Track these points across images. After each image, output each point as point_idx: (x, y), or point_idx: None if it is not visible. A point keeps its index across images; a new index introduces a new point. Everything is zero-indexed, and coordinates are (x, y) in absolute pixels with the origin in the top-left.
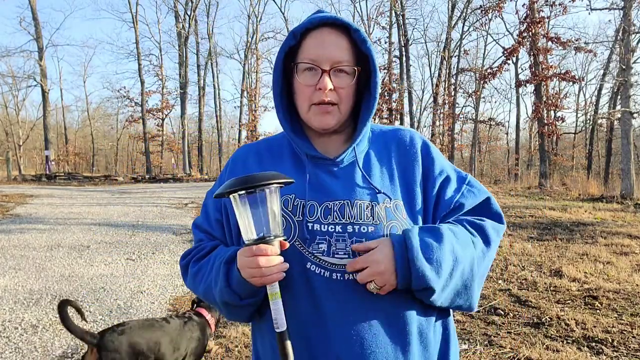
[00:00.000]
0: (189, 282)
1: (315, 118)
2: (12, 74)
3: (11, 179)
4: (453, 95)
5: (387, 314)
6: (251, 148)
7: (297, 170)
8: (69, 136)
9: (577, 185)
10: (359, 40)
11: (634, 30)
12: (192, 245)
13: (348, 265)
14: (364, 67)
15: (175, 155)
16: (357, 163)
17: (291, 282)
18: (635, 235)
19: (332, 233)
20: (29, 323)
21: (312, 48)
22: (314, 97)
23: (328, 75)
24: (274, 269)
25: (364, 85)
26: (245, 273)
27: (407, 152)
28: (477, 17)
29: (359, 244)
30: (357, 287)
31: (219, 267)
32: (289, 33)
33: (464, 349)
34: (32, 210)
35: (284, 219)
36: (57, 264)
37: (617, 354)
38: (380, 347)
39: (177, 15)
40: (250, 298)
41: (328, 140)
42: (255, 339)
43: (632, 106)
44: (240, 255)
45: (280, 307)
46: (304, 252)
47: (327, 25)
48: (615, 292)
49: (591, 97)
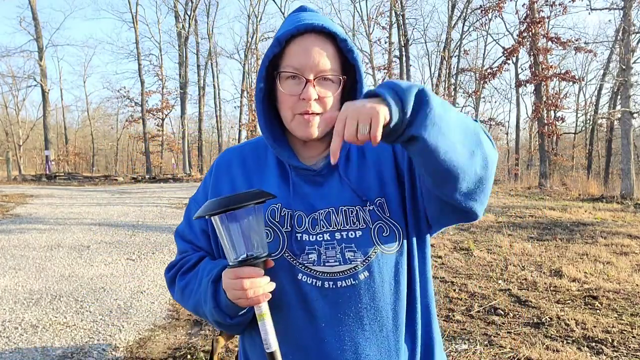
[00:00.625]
0: (177, 296)
1: (298, 128)
2: (12, 74)
3: (11, 179)
4: (453, 95)
5: (381, 322)
6: (235, 153)
7: (282, 179)
8: (69, 136)
9: (577, 185)
10: (345, 50)
11: (634, 30)
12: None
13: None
14: (350, 74)
15: (175, 155)
16: (338, 169)
17: (283, 294)
18: (635, 235)
19: (321, 242)
20: (29, 323)
21: (296, 56)
22: (297, 106)
23: (312, 85)
24: (259, 290)
25: (349, 93)
26: (230, 295)
27: (380, 145)
28: (477, 17)
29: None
30: (351, 295)
31: (207, 285)
32: (274, 40)
33: (464, 349)
34: (32, 210)
35: (271, 231)
36: (57, 264)
37: (617, 354)
38: (372, 347)
39: (177, 15)
40: (240, 317)
41: (312, 147)
42: (245, 347)
43: (632, 106)
44: (224, 277)
45: (268, 328)
46: (294, 264)
47: (314, 31)
48: (615, 292)
49: (591, 97)
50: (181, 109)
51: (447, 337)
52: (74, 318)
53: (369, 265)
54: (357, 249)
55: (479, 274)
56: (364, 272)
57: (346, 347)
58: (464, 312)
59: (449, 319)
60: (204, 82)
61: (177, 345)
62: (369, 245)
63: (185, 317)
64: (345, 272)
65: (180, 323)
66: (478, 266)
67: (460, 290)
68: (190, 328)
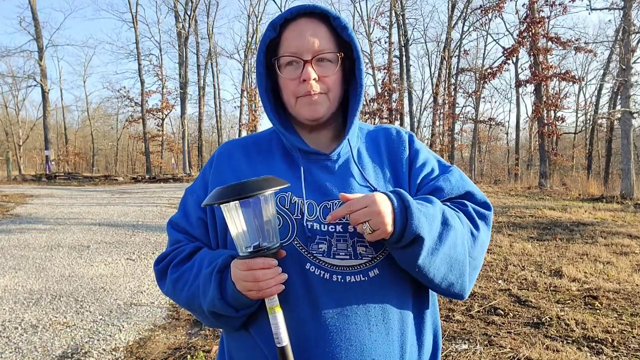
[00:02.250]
0: (168, 289)
1: (303, 109)
2: (12, 74)
3: (11, 179)
4: (453, 95)
5: (388, 324)
6: (236, 143)
7: (289, 166)
8: (69, 136)
9: (577, 185)
10: (339, 28)
11: (634, 30)
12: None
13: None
14: (347, 55)
15: (175, 155)
16: (352, 158)
17: (289, 283)
18: (635, 235)
19: (332, 233)
20: (29, 323)
21: (292, 40)
22: (299, 89)
23: (310, 65)
24: (271, 282)
25: (349, 74)
26: (240, 286)
27: (395, 147)
28: (477, 17)
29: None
30: (358, 290)
31: (210, 276)
32: (268, 24)
33: (464, 349)
34: (32, 210)
35: (281, 217)
36: (57, 264)
37: (617, 354)
38: (379, 350)
39: (177, 15)
40: (246, 309)
41: (318, 136)
42: (230, 346)
43: (632, 106)
44: (234, 268)
45: (279, 321)
46: (302, 252)
47: (306, 15)
48: (615, 292)
49: (591, 97)
50: (181, 109)
51: (447, 337)
52: (74, 318)
53: (380, 263)
54: (370, 245)
55: (479, 273)
56: (375, 269)
57: (352, 347)
58: (464, 312)
59: (449, 319)
60: (204, 82)
61: (177, 345)
62: (382, 242)
63: (185, 317)
64: (355, 267)
65: (180, 323)
66: None
67: None
68: (190, 328)
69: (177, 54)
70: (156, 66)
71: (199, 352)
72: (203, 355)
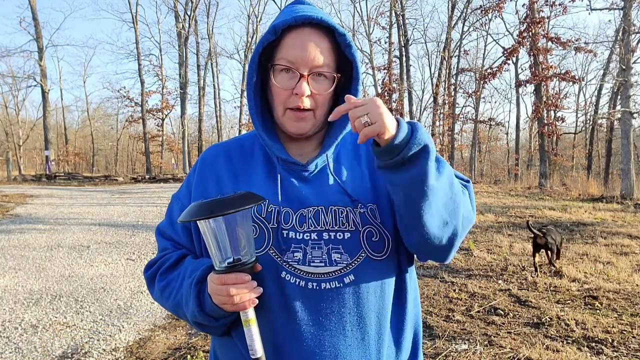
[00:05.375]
0: (156, 296)
1: (289, 123)
2: (12, 74)
3: (11, 179)
4: (453, 95)
5: (364, 329)
6: (220, 149)
7: (269, 174)
8: (69, 136)
9: (577, 185)
10: (343, 44)
11: (634, 30)
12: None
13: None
14: (346, 71)
15: (175, 156)
16: (328, 168)
17: (265, 291)
18: (635, 235)
19: (307, 241)
20: (29, 323)
21: (292, 48)
22: (289, 101)
23: (306, 80)
24: (245, 296)
25: (342, 91)
26: (216, 300)
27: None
28: (477, 17)
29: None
30: (333, 296)
31: (189, 287)
32: (270, 27)
33: (464, 349)
34: (32, 210)
35: (257, 227)
36: (57, 264)
37: (617, 354)
38: (353, 355)
39: (177, 16)
40: (226, 318)
41: (301, 144)
42: (215, 346)
43: (632, 106)
44: (210, 282)
45: (254, 334)
46: (278, 261)
47: (312, 25)
48: (615, 292)
49: (591, 97)
50: (181, 109)
51: (447, 337)
52: (74, 318)
53: (355, 269)
54: (344, 251)
55: (479, 274)
56: (350, 275)
57: (326, 353)
58: (464, 312)
59: (449, 319)
60: (204, 82)
61: (177, 345)
62: (357, 248)
63: None
64: (330, 274)
65: (180, 323)
66: (478, 266)
67: (460, 290)
68: (190, 328)
69: (177, 54)
70: (156, 66)
71: (199, 352)
72: (203, 356)
